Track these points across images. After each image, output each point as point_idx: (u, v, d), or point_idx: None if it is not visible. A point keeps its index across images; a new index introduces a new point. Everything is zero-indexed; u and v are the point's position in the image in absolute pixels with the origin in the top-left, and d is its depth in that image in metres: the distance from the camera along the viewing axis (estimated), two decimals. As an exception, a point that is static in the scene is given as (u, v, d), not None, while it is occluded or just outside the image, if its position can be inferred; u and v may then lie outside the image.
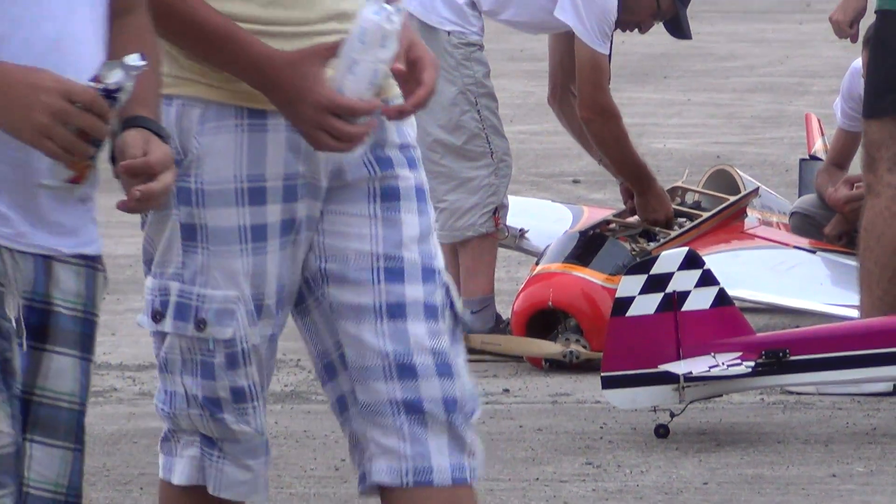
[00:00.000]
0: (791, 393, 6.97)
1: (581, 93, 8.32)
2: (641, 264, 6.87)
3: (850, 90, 9.07)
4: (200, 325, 2.99)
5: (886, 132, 7.82)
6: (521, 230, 7.79)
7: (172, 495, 3.25)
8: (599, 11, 8.43)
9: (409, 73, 2.95)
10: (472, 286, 7.39)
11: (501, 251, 8.82)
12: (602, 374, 6.39)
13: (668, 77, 16.13)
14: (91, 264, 2.25)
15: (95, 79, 2.08)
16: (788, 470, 6.03)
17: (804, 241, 9.00)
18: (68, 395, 2.22)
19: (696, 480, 5.56)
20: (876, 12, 7.69)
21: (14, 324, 2.15)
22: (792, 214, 8.62)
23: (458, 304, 3.24)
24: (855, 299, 7.50)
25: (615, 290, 6.72)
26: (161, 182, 2.20)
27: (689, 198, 8.96)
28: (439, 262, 3.18)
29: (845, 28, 8.05)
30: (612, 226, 8.59)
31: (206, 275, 3.02)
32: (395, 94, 3.03)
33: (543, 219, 9.01)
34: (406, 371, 3.06)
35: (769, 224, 9.16)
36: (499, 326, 7.50)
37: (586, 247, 7.97)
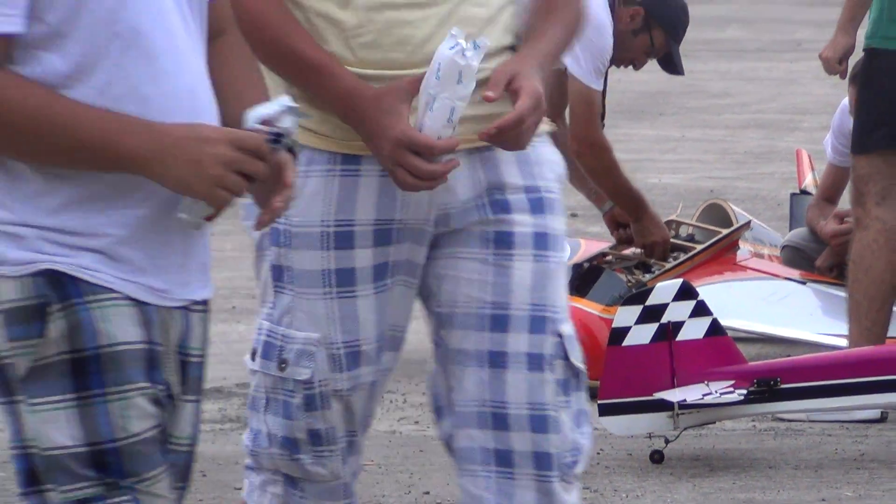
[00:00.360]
0: (782, 420, 6.99)
1: (573, 128, 8.43)
2: (637, 295, 6.99)
3: (841, 126, 9.22)
4: (282, 364, 3.03)
5: (874, 167, 7.95)
6: None
7: None
8: (595, 49, 8.53)
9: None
10: None
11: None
12: (599, 401, 6.38)
13: (663, 114, 16.34)
14: (207, 308, 2.26)
15: (264, 122, 2.11)
16: (780, 494, 6.13)
17: (795, 273, 9.12)
18: (187, 438, 2.23)
19: (691, 504, 5.71)
20: (864, 50, 7.90)
21: (170, 386, 2.17)
22: (783, 247, 8.86)
23: (576, 356, 3.15)
24: (844, 329, 7.54)
25: (611, 320, 6.85)
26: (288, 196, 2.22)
27: (684, 231, 9.22)
28: (555, 311, 3.11)
29: (834, 65, 8.27)
30: (609, 258, 8.74)
31: (292, 315, 3.04)
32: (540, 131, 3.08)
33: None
34: (500, 421, 3.04)
35: (761, 256, 9.19)
36: None
37: (583, 278, 8.16)
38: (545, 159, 3.24)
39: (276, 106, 2.18)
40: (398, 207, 3.00)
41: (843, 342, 7.57)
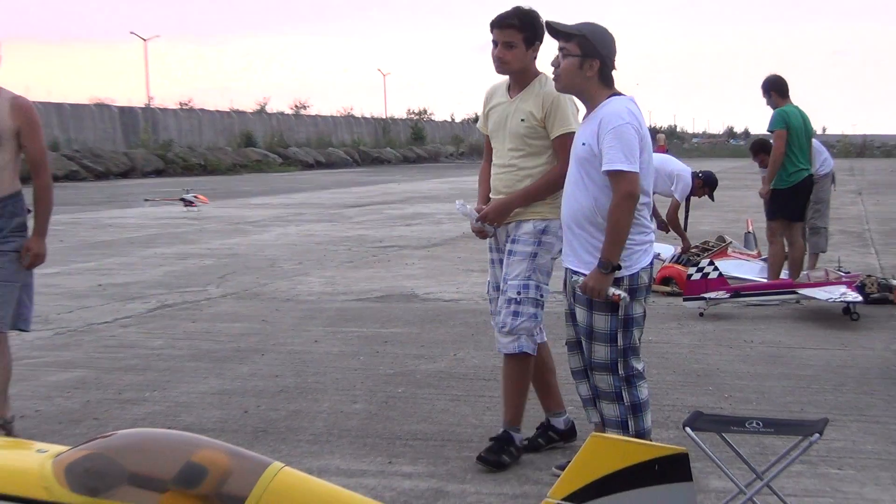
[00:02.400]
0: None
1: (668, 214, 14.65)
2: (694, 264, 12.72)
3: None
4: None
5: (776, 225, 12.78)
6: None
7: None
8: (685, 188, 14.73)
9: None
10: None
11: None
12: (684, 298, 11.98)
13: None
14: None
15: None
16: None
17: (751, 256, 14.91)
18: None
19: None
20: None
21: None
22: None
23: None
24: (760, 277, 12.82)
25: (686, 272, 12.57)
26: None
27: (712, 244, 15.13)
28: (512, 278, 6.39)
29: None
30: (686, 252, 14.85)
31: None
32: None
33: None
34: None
35: (739, 253, 15.30)
36: None
37: (677, 261, 14.41)
38: (521, 230, 6.32)
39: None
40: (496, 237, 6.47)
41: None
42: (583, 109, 5.83)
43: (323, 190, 39.53)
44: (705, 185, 14.84)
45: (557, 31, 5.64)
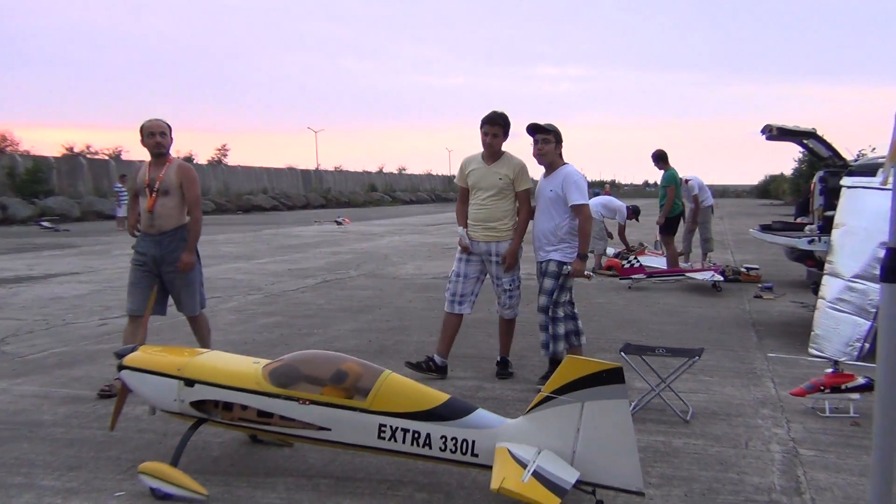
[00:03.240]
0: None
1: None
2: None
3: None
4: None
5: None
6: None
7: None
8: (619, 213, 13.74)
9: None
10: None
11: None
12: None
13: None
14: None
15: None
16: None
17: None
18: None
19: None
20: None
21: None
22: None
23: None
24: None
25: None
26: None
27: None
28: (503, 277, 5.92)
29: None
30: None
31: None
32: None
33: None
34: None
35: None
36: None
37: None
38: (503, 248, 5.87)
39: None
40: (475, 247, 5.90)
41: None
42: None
43: (413, 216, 39.41)
44: (634, 213, 14.28)
45: (541, 128, 5.70)
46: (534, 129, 5.72)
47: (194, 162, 58.66)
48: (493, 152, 5.87)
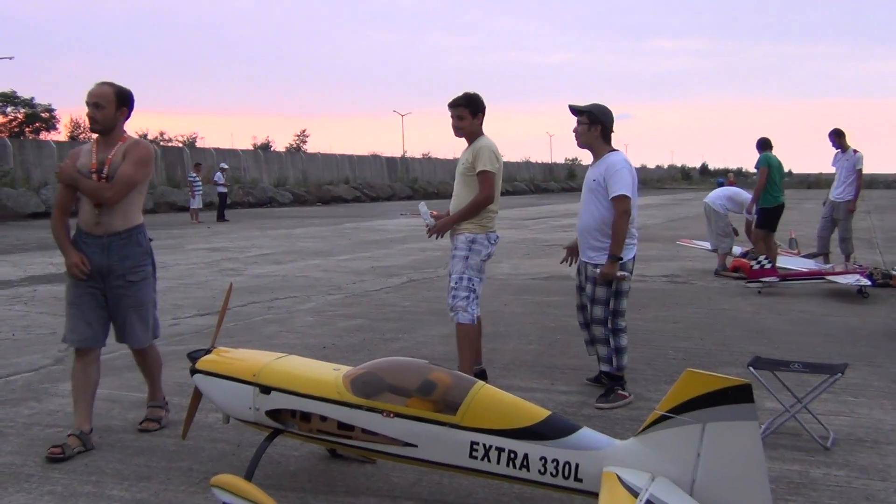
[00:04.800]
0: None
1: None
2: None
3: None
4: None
5: (762, 232, 12.14)
6: None
7: None
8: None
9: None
10: None
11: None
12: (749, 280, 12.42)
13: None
14: None
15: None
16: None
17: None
18: None
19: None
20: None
21: None
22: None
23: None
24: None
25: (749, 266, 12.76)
26: None
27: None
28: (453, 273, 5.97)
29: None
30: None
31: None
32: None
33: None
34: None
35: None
36: None
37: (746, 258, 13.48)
38: (459, 241, 5.96)
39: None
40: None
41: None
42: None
43: (510, 208, 39.15)
44: None
45: (574, 108, 5.74)
46: (571, 111, 5.78)
47: (272, 149, 60.38)
48: (466, 136, 5.94)
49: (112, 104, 4.77)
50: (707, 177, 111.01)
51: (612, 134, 5.85)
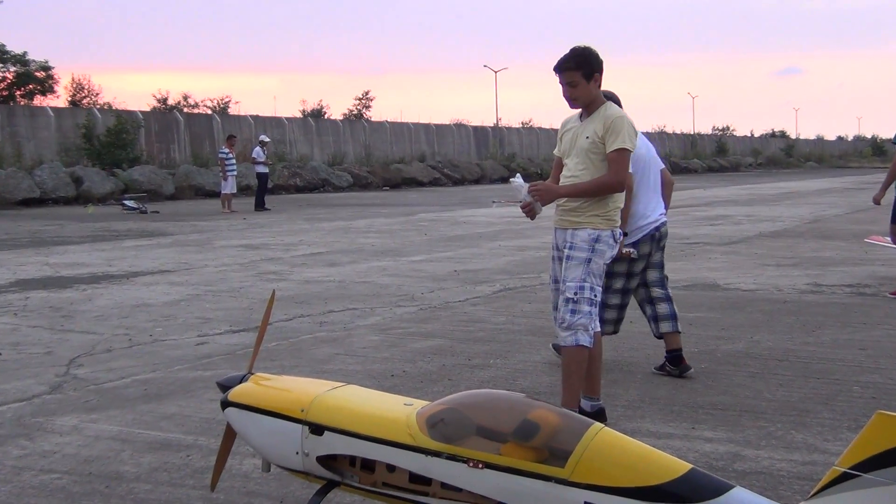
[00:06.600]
0: None
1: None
2: None
3: None
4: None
5: None
6: None
7: None
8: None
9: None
10: None
11: None
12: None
13: None
14: None
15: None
16: None
17: None
18: None
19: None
20: None
21: None
22: None
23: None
24: None
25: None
26: None
27: None
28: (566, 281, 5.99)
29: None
30: None
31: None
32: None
33: None
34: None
35: None
36: None
37: None
38: (578, 238, 5.99)
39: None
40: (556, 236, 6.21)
41: None
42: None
43: (638, 194, 38.68)
44: None
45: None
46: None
47: (326, 117, 60.93)
48: (583, 105, 6.07)
49: None
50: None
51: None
